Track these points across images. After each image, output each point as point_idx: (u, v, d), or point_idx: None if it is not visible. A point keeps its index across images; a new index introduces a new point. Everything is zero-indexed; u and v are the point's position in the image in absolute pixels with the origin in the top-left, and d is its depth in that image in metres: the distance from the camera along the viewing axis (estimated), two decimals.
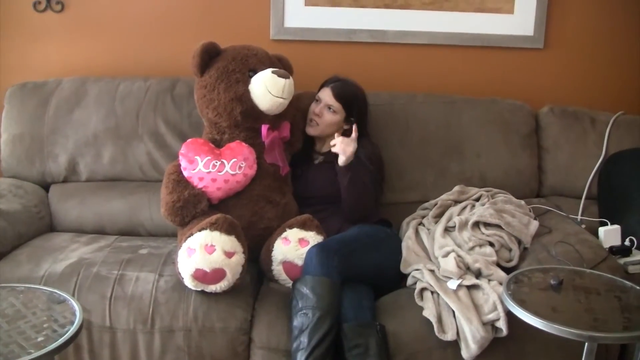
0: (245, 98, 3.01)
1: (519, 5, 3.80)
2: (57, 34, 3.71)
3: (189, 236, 2.71)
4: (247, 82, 3.02)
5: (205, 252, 2.63)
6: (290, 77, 3.04)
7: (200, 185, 2.96)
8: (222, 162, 2.98)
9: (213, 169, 2.96)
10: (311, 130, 3.29)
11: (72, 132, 3.43)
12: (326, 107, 3.23)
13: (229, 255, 2.65)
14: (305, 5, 3.74)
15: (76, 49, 3.73)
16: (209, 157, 2.98)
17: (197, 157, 2.98)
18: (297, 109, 3.29)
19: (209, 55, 3.08)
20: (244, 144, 3.06)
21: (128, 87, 3.50)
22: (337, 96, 3.22)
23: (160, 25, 3.74)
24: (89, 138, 3.43)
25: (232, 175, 2.97)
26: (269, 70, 3.01)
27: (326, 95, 3.25)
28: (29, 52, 3.72)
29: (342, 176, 3.08)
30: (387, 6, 3.77)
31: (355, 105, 3.26)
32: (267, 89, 2.98)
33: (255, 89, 3.01)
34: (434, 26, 3.81)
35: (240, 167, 2.99)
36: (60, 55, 3.73)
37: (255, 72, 3.04)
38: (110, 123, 3.43)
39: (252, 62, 3.08)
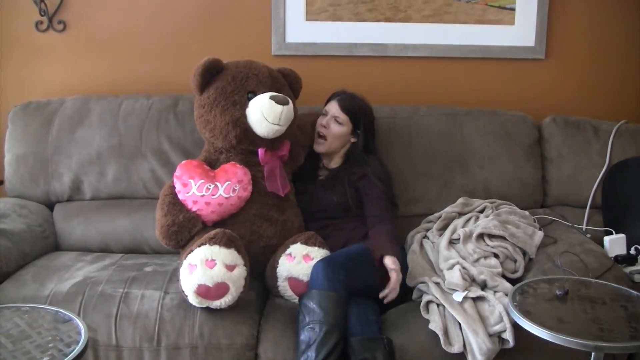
0: (240, 122, 2.99)
1: (519, 17, 3.81)
2: (60, 54, 3.73)
3: (189, 253, 2.70)
4: (245, 105, 3.00)
5: (206, 267, 2.62)
6: (290, 103, 3.01)
7: (194, 209, 2.95)
8: (216, 185, 2.95)
9: (207, 192, 2.94)
10: (319, 148, 3.29)
11: (76, 151, 3.43)
12: (333, 119, 3.24)
13: (230, 268, 2.64)
14: (306, 20, 3.76)
15: (78, 68, 3.75)
16: (203, 180, 2.95)
17: (191, 180, 2.96)
18: (299, 126, 3.27)
19: (210, 74, 3.05)
20: (238, 165, 3.03)
21: (131, 105, 3.51)
22: (344, 108, 3.23)
23: (162, 43, 3.76)
24: (93, 157, 3.43)
25: (226, 198, 2.95)
26: (267, 95, 2.98)
27: (333, 108, 3.25)
28: (31, 71, 3.73)
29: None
30: (387, 20, 3.78)
31: (361, 118, 3.27)
32: (263, 116, 2.96)
33: (251, 114, 2.99)
34: (435, 39, 3.82)
35: (234, 190, 2.96)
36: (63, 74, 3.75)
37: (254, 94, 3.02)
38: (114, 141, 3.44)
39: (251, 83, 3.05)
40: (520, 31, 3.82)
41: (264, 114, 2.95)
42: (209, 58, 3.04)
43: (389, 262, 2.85)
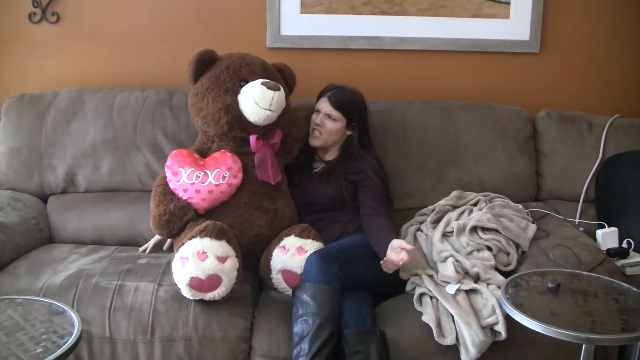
0: (232, 108, 3.00)
1: (514, 11, 3.81)
2: (53, 46, 3.72)
3: (181, 246, 2.71)
4: (237, 92, 3.02)
5: (197, 259, 2.63)
6: (281, 89, 3.01)
7: (185, 197, 2.95)
8: (206, 173, 2.95)
9: (196, 180, 2.94)
10: (315, 142, 3.28)
11: (70, 143, 3.43)
12: (326, 116, 3.23)
13: (221, 260, 2.65)
14: (301, 13, 3.75)
15: (72, 60, 3.74)
16: (192, 169, 2.96)
17: (181, 169, 2.96)
18: (292, 119, 3.28)
19: (204, 64, 3.08)
20: (228, 153, 3.03)
21: (125, 98, 3.51)
22: (335, 104, 3.21)
23: (157, 35, 3.75)
24: (87, 149, 3.43)
25: (216, 185, 2.95)
26: (259, 81, 2.99)
27: (324, 105, 3.24)
28: (24, 63, 3.73)
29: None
30: (383, 13, 3.78)
31: (354, 111, 3.25)
32: (254, 101, 2.96)
33: (243, 100, 2.99)
34: (430, 32, 3.82)
35: (224, 177, 2.96)
36: (57, 66, 3.74)
37: (246, 83, 3.03)
38: (108, 134, 3.44)
39: (244, 72, 3.07)
40: (515, 25, 3.82)
41: (255, 99, 2.96)
42: (203, 49, 3.07)
43: (402, 242, 2.80)
